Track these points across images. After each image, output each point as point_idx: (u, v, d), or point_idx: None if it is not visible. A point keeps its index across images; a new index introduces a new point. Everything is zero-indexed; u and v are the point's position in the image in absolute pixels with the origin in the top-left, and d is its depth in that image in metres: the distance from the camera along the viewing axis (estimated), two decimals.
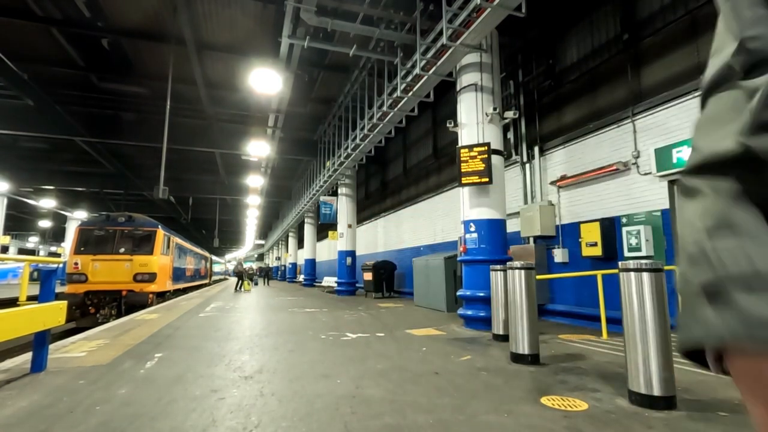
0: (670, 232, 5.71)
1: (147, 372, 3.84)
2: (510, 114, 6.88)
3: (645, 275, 2.87)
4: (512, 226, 8.08)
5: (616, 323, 5.75)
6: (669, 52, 5.90)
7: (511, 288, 4.31)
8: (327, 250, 24.16)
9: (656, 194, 5.90)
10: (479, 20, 5.44)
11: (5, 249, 32.84)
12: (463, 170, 6.63)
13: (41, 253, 41.62)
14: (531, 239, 7.83)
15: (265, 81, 9.03)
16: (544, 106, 8.14)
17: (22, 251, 40.39)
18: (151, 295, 11.63)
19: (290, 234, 30.72)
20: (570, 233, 7.26)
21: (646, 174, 6.03)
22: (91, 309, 11.07)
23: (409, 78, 7.42)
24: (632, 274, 2.92)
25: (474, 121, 6.83)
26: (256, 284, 24.79)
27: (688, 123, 5.52)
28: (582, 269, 6.82)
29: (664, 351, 2.78)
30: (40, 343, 3.86)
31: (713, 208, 0.38)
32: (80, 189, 20.92)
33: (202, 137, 14.56)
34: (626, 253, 6.00)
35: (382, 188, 16.75)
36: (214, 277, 37.70)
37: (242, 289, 17.90)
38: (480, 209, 6.66)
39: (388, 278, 13.38)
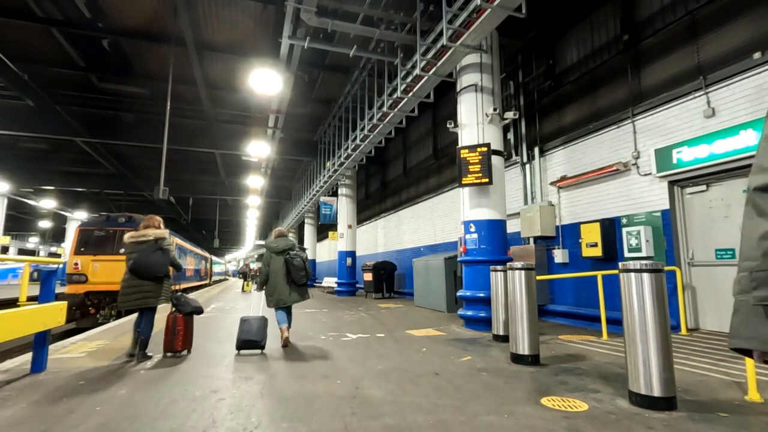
0: (671, 232, 5.71)
1: (147, 373, 3.84)
2: (510, 114, 6.88)
3: (645, 276, 2.87)
4: (512, 226, 8.09)
5: (616, 324, 5.76)
6: (669, 52, 5.90)
7: (511, 288, 4.31)
8: (327, 251, 24.14)
9: (656, 195, 5.90)
10: (479, 21, 5.44)
11: (5, 249, 32.81)
12: (463, 171, 6.64)
13: (41, 253, 41.57)
14: (531, 240, 7.83)
15: (265, 81, 9.01)
16: (544, 107, 8.14)
17: (22, 252, 40.33)
18: None
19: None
20: (570, 234, 7.26)
21: (646, 174, 6.04)
22: (92, 309, 11.06)
23: (410, 78, 7.42)
24: (632, 274, 2.92)
25: (474, 122, 6.83)
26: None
27: (688, 124, 5.52)
28: (582, 270, 6.82)
29: (665, 352, 2.77)
30: (40, 343, 3.87)
31: None
32: (80, 189, 20.89)
33: (202, 138, 14.55)
34: (626, 254, 6.00)
35: (382, 189, 16.74)
36: (214, 278, 37.68)
37: (243, 290, 17.91)
38: (480, 210, 6.66)
39: (388, 279, 13.37)
